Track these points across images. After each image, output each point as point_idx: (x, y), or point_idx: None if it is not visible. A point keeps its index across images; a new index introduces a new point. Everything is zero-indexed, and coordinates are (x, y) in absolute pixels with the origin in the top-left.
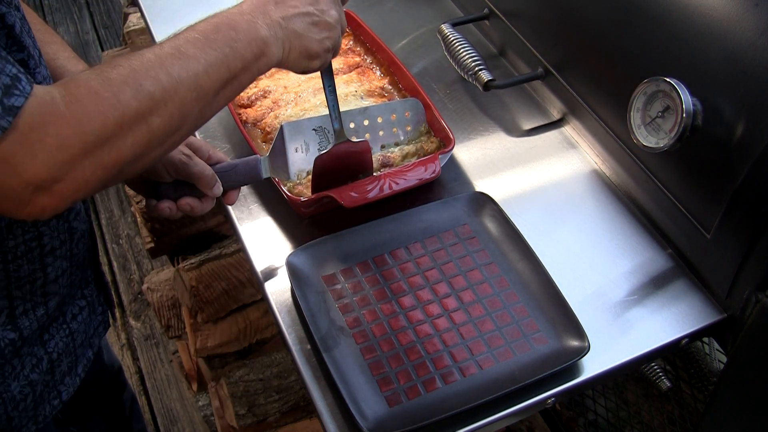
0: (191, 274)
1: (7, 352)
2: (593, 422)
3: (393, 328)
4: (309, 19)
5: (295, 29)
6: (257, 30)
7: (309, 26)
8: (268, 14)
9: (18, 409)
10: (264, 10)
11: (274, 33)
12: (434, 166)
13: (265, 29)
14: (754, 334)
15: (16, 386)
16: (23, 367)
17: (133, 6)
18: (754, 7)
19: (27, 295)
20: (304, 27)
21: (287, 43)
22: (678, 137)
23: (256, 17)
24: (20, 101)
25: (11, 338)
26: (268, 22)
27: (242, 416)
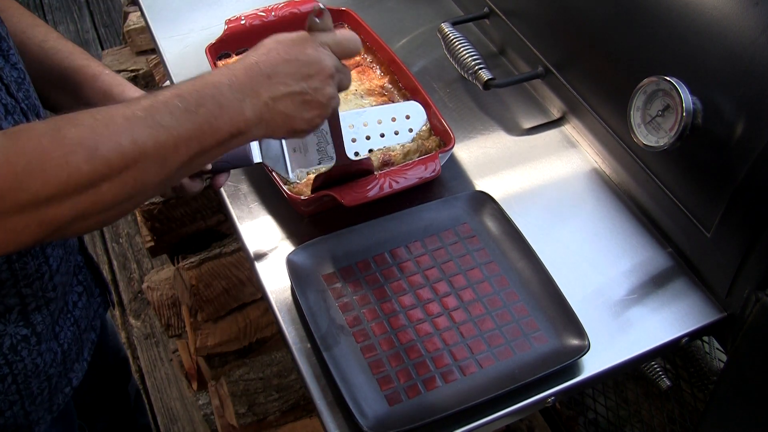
0: (191, 273)
1: (20, 348)
2: (593, 421)
3: (393, 326)
4: (300, 99)
5: (283, 111)
6: (242, 111)
7: (298, 106)
8: (258, 93)
9: (35, 404)
10: (254, 87)
11: (259, 114)
12: (434, 165)
13: (251, 111)
14: (754, 333)
15: (35, 383)
16: (45, 364)
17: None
18: (754, 7)
19: (38, 291)
20: (293, 108)
21: (272, 123)
22: (678, 136)
23: (245, 95)
24: None
25: (23, 334)
26: (255, 102)
27: (242, 415)
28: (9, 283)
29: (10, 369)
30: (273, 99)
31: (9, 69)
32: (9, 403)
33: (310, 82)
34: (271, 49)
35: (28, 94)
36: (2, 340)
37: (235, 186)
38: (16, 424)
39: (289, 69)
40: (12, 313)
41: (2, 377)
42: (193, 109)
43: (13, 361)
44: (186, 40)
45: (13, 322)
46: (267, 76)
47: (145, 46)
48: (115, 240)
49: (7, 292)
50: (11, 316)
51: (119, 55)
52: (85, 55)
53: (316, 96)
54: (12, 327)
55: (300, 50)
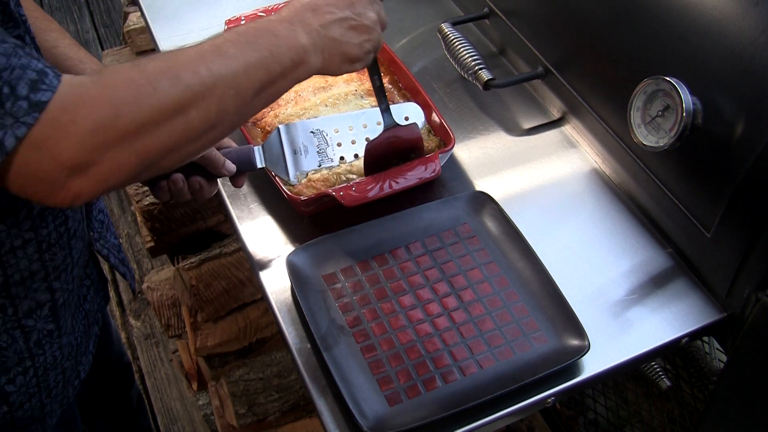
0: (191, 273)
1: (44, 342)
2: (593, 421)
3: (393, 327)
4: (347, 24)
5: (334, 36)
6: (297, 38)
7: (347, 31)
8: (307, 22)
9: (50, 396)
10: (302, 19)
11: (313, 41)
12: (434, 165)
13: (305, 37)
14: (754, 333)
15: (52, 376)
16: (63, 357)
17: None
18: (754, 7)
19: (65, 285)
20: (343, 33)
21: (326, 50)
22: (678, 136)
23: (296, 25)
24: (47, 96)
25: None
26: (307, 30)
27: (242, 415)
28: (39, 276)
29: (33, 362)
30: (322, 26)
31: None
32: (29, 396)
33: (352, 8)
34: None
35: None
36: (30, 335)
37: None
38: (32, 417)
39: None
40: (43, 309)
41: (25, 370)
42: (252, 40)
43: (36, 355)
44: (186, 40)
45: (42, 318)
46: (312, 10)
47: (145, 47)
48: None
49: (38, 286)
50: (42, 312)
51: (119, 56)
52: (95, 65)
53: (361, 20)
54: (41, 323)
55: None
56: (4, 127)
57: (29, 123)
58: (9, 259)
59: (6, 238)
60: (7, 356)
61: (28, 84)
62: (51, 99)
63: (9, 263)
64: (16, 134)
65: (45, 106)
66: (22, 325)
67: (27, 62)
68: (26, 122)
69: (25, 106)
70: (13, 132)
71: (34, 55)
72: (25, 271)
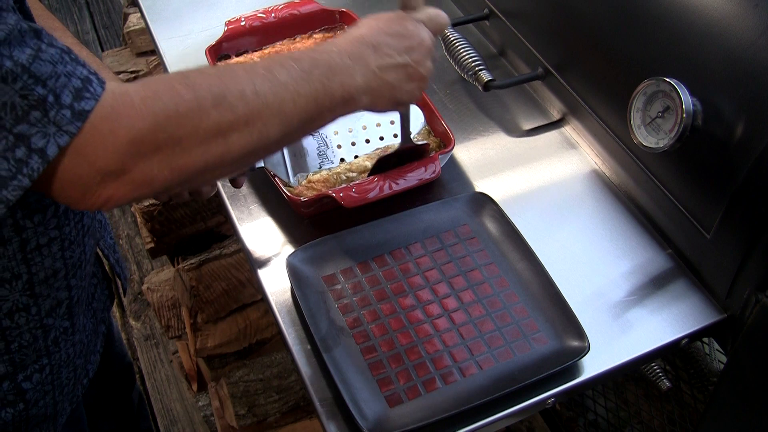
0: (191, 275)
1: (60, 340)
2: (593, 422)
3: (393, 328)
4: (404, 71)
5: (389, 81)
6: (353, 76)
7: (402, 77)
8: (366, 62)
9: (63, 393)
10: (361, 56)
11: (367, 83)
12: (434, 166)
13: (361, 77)
14: (754, 334)
15: (65, 373)
16: (75, 354)
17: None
18: (754, 7)
19: (80, 282)
20: (398, 79)
21: (378, 93)
22: (678, 137)
23: (355, 62)
24: (90, 105)
25: (65, 326)
26: (364, 70)
27: (242, 416)
28: (61, 274)
29: (49, 360)
30: (380, 68)
31: None
32: (43, 393)
33: (412, 55)
34: (372, 25)
35: None
36: (49, 333)
37: None
38: (45, 415)
39: (393, 42)
40: (61, 307)
41: (41, 368)
42: (307, 70)
43: (53, 353)
44: (186, 41)
45: (60, 316)
46: (373, 48)
47: (145, 48)
48: (115, 241)
49: (60, 284)
50: (60, 310)
51: (119, 57)
52: (96, 64)
53: (418, 69)
54: (59, 320)
55: (401, 25)
56: (47, 135)
57: (72, 132)
58: (34, 257)
59: (32, 236)
60: (27, 354)
61: (72, 92)
62: (94, 108)
63: (34, 261)
64: (59, 143)
65: (88, 115)
66: (44, 324)
67: (72, 69)
68: (69, 131)
69: (68, 115)
70: (56, 140)
71: (80, 61)
72: (49, 269)
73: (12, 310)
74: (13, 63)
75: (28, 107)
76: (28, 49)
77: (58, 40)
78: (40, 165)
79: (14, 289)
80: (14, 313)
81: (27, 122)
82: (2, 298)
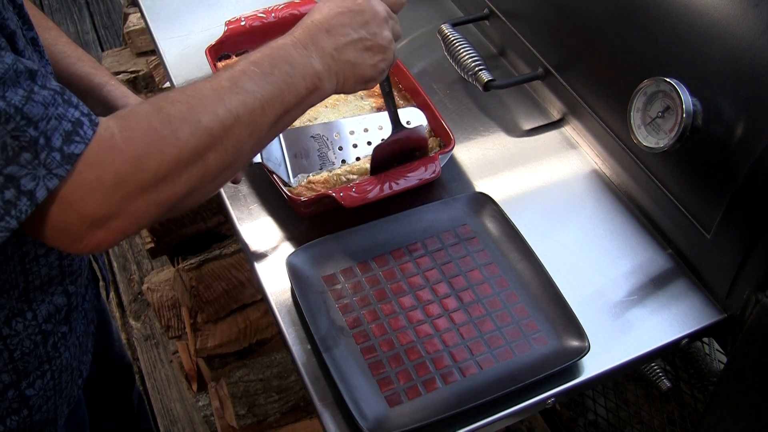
0: (191, 275)
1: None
2: (593, 422)
3: (393, 328)
4: (361, 45)
5: (348, 59)
6: (312, 65)
7: (362, 53)
8: (321, 46)
9: (62, 397)
10: (316, 41)
11: (327, 67)
12: (434, 166)
13: (319, 63)
14: (754, 334)
15: (65, 377)
16: (71, 358)
17: (133, 6)
18: (754, 7)
19: (78, 289)
20: (357, 55)
21: (341, 74)
22: (678, 137)
23: (310, 50)
24: (80, 148)
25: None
26: (321, 54)
27: (242, 416)
28: (56, 281)
29: (50, 365)
30: (336, 49)
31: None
32: (46, 398)
33: (367, 28)
34: (323, 8)
35: None
36: (48, 339)
37: (235, 187)
38: (47, 419)
39: (346, 20)
40: (60, 313)
41: (43, 373)
42: (268, 71)
43: (53, 358)
44: (186, 41)
45: (59, 322)
46: (326, 31)
47: (145, 48)
48: None
49: (55, 290)
50: (59, 316)
51: (119, 57)
52: (92, 63)
53: (376, 40)
54: (58, 326)
55: (352, 2)
56: (36, 178)
57: (61, 175)
58: (32, 267)
59: (32, 248)
60: (29, 361)
61: (62, 135)
62: (83, 152)
63: (31, 270)
64: (48, 186)
65: (77, 158)
66: (43, 330)
67: (64, 111)
68: (58, 174)
69: (58, 158)
70: (45, 183)
71: (72, 102)
72: (45, 277)
73: (8, 317)
74: (6, 104)
75: (19, 148)
76: (21, 90)
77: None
78: (28, 207)
79: (11, 297)
80: (11, 320)
81: (17, 164)
82: (0, 306)
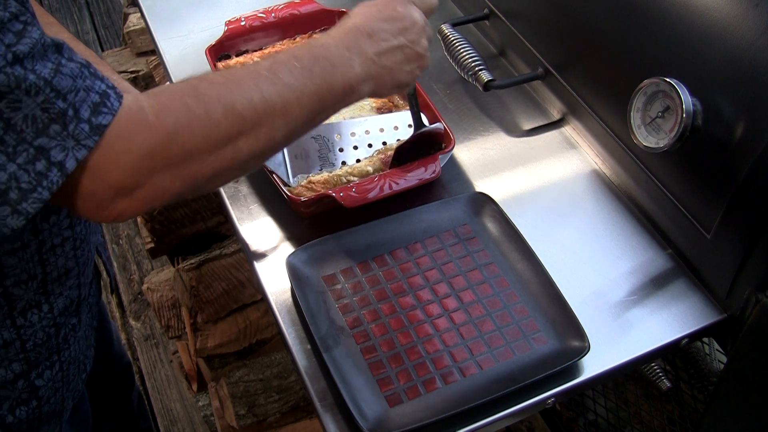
0: (191, 275)
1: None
2: (593, 422)
3: (393, 328)
4: (400, 52)
5: (387, 65)
6: (352, 67)
7: (400, 59)
8: (363, 50)
9: (69, 389)
10: (358, 45)
11: (367, 71)
12: (434, 167)
13: (359, 67)
14: (754, 334)
15: (72, 369)
16: (79, 351)
17: (133, 6)
18: (754, 7)
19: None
20: (396, 61)
21: (379, 79)
22: (678, 137)
23: (352, 52)
24: (107, 119)
25: (73, 323)
26: (362, 59)
27: (242, 416)
28: (74, 273)
29: (59, 357)
30: (377, 54)
31: None
32: (54, 390)
33: (407, 35)
34: (364, 12)
35: None
36: (60, 331)
37: (235, 187)
38: (54, 411)
39: (387, 26)
40: (72, 305)
41: (51, 364)
42: (309, 67)
43: (63, 350)
44: (186, 41)
45: (71, 314)
46: (368, 35)
47: (145, 48)
48: (115, 241)
49: (72, 282)
50: (71, 308)
51: (119, 57)
52: (94, 58)
53: (415, 48)
54: (69, 318)
55: (392, 8)
56: (66, 149)
57: (89, 146)
58: (49, 257)
59: (48, 237)
60: (41, 352)
61: (90, 107)
62: (111, 122)
63: (48, 261)
64: (77, 156)
65: (105, 129)
66: (57, 322)
67: (91, 83)
68: (87, 145)
69: (86, 129)
70: (74, 154)
71: (98, 75)
72: (62, 268)
73: (25, 308)
74: (36, 77)
75: (49, 120)
76: (49, 63)
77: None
78: (59, 178)
79: (29, 288)
80: (27, 311)
81: (47, 135)
82: (18, 297)
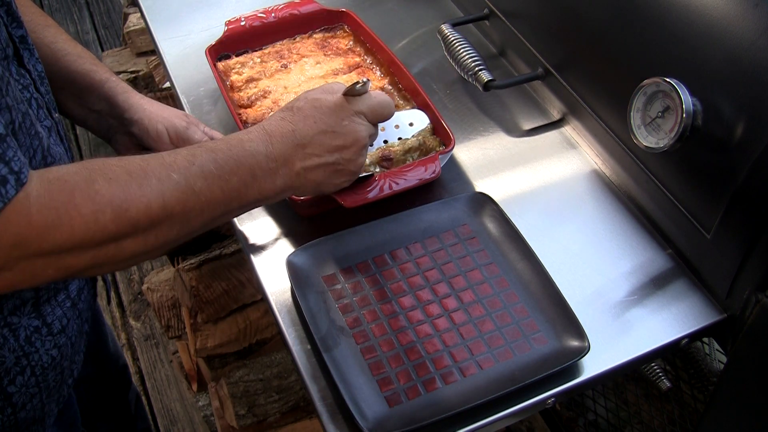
0: (191, 275)
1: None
2: (593, 422)
3: (393, 328)
4: (331, 168)
5: (314, 179)
6: (274, 181)
7: (329, 175)
8: (291, 163)
9: (50, 396)
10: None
11: (289, 183)
12: (434, 167)
13: (282, 180)
14: (754, 334)
15: (52, 376)
16: (61, 357)
17: (133, 6)
18: (754, 7)
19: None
20: (324, 176)
21: (299, 189)
22: (678, 137)
23: (279, 165)
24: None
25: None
26: (287, 172)
27: (242, 416)
28: None
29: (28, 361)
30: (305, 169)
31: (35, 63)
32: (29, 396)
33: (343, 153)
34: (308, 116)
35: (48, 89)
36: (18, 333)
37: None
38: (33, 418)
39: (325, 140)
40: (26, 306)
41: (22, 369)
42: (226, 177)
43: (30, 353)
44: (186, 41)
45: (26, 315)
46: (302, 146)
47: (145, 48)
48: None
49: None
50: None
51: (119, 57)
52: (92, 60)
53: (347, 166)
54: (25, 319)
55: (336, 121)
56: None
57: None
58: None
59: None
60: (5, 355)
61: None
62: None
63: None
64: None
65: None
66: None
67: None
68: None
69: None
70: None
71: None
72: None
73: None
74: None
75: None
76: None
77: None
78: None
79: None
80: None
81: None
82: None
